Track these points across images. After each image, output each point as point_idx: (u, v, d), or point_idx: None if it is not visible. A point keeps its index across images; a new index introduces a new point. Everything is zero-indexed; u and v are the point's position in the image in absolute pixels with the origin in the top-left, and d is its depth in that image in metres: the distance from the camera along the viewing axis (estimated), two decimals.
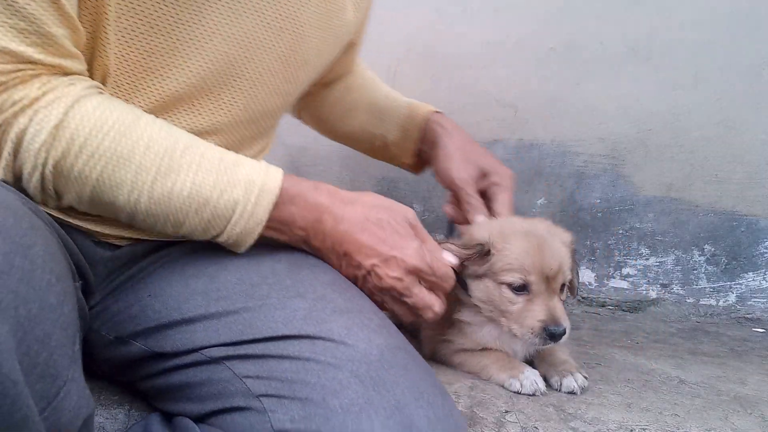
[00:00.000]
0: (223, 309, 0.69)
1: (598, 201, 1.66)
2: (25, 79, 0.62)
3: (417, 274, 0.77)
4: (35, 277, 0.47)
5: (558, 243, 0.95)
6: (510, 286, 0.93)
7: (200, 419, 0.67)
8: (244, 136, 0.84)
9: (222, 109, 0.78)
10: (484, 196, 1.08)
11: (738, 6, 1.52)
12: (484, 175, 1.07)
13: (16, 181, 0.65)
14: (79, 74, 0.68)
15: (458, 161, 1.03)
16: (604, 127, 1.64)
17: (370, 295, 0.77)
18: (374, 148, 1.17)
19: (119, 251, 0.77)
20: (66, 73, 0.66)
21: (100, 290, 0.77)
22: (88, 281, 0.74)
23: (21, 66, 0.61)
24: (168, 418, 0.71)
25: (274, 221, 0.72)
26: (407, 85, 1.75)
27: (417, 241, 0.78)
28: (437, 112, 1.11)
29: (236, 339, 0.66)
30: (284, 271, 0.73)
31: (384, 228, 0.76)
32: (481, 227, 1.00)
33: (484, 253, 0.95)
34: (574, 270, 0.99)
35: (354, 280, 0.78)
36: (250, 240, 0.72)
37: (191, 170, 0.67)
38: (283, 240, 0.76)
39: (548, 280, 0.92)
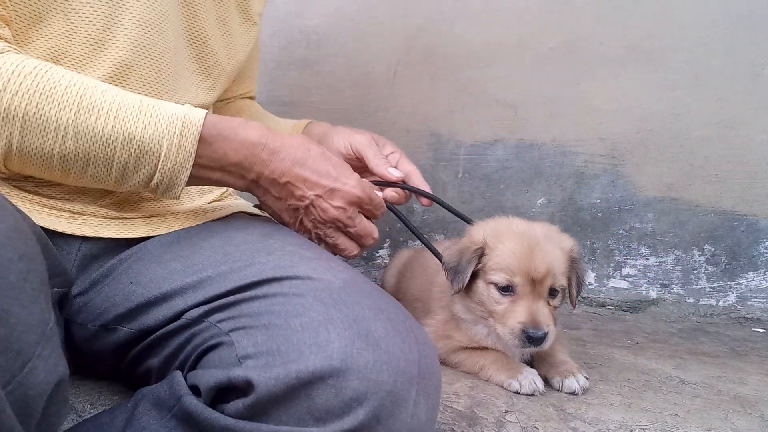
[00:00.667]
0: (198, 277, 0.71)
1: (598, 201, 1.66)
2: None
3: (358, 204, 0.81)
4: None
5: (552, 247, 0.94)
6: (496, 285, 0.94)
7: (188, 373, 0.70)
8: None
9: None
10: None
11: (738, 6, 1.52)
12: (377, 144, 1.07)
13: None
14: (7, 41, 0.71)
15: (351, 131, 1.06)
16: (604, 127, 1.64)
17: (312, 230, 0.82)
18: None
19: (94, 243, 0.79)
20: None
21: (78, 282, 0.78)
22: (65, 272, 0.75)
23: None
24: None
25: (204, 158, 0.73)
26: (407, 85, 1.75)
27: (355, 173, 0.82)
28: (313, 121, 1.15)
29: (211, 296, 0.69)
30: (255, 239, 0.76)
31: (326, 159, 0.79)
32: (479, 227, 1.00)
33: (480, 253, 0.95)
34: (574, 279, 0.97)
35: (295, 214, 0.81)
36: (184, 176, 0.73)
37: (113, 107, 0.69)
38: (221, 184, 0.78)
39: (534, 282, 0.92)
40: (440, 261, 0.99)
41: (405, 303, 1.12)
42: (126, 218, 0.81)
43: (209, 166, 0.75)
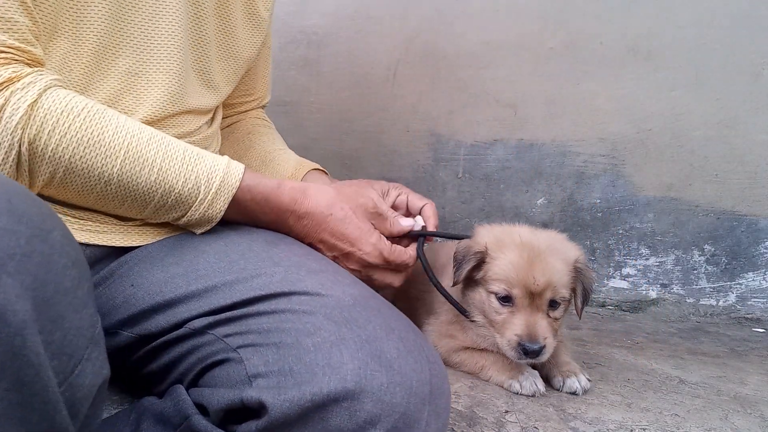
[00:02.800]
0: (203, 285, 0.71)
1: (598, 201, 1.66)
2: (3, 62, 0.65)
3: (374, 267, 0.85)
4: (53, 261, 0.49)
5: (553, 260, 0.93)
6: (496, 295, 0.94)
7: (191, 386, 0.69)
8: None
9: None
10: (396, 208, 1.05)
11: (738, 6, 1.52)
12: (382, 194, 1.07)
13: None
14: (44, 65, 0.71)
15: (355, 190, 1.04)
16: (604, 127, 1.64)
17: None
18: None
19: (97, 249, 0.78)
20: (33, 59, 0.69)
21: None
22: None
23: None
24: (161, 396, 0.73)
25: (234, 212, 0.77)
26: (407, 85, 1.75)
27: (375, 235, 0.84)
28: (321, 169, 1.13)
29: (216, 307, 0.69)
30: (261, 247, 0.76)
31: (348, 223, 0.82)
32: (482, 234, 0.99)
33: (481, 259, 0.95)
34: (580, 289, 0.96)
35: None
36: (209, 226, 0.77)
37: (158, 158, 0.71)
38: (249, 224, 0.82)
39: (533, 295, 0.91)
40: (464, 315, 0.99)
41: (406, 302, 1.12)
42: (131, 225, 0.80)
43: (238, 219, 0.79)
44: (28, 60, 0.69)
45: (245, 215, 0.79)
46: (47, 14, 0.71)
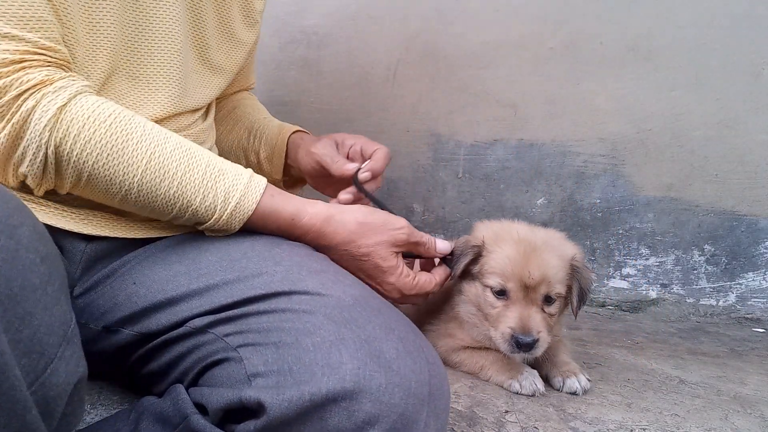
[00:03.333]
0: (204, 284, 0.71)
1: (598, 201, 1.66)
2: (33, 65, 0.66)
3: (393, 299, 0.84)
4: (19, 257, 0.48)
5: (549, 255, 0.93)
6: (491, 289, 0.94)
7: (191, 386, 0.69)
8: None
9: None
10: (351, 157, 1.08)
11: (738, 6, 1.52)
12: (338, 144, 1.09)
13: (3, 162, 0.67)
14: (71, 69, 0.72)
15: (313, 143, 1.07)
16: (603, 127, 1.64)
17: None
18: (250, 164, 1.20)
19: (99, 245, 0.79)
20: (64, 61, 0.70)
21: (80, 283, 0.78)
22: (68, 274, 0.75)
23: (26, 56, 0.66)
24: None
25: (250, 227, 0.77)
26: (407, 85, 1.75)
27: (395, 274, 0.82)
28: (302, 130, 1.15)
29: (217, 305, 0.69)
30: (263, 247, 0.76)
31: (362, 263, 0.80)
32: (481, 228, 1.00)
33: (477, 254, 0.95)
34: (576, 288, 0.96)
35: None
36: (225, 234, 0.77)
37: (179, 171, 0.71)
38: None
39: (528, 289, 0.92)
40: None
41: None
42: (134, 219, 0.81)
43: (255, 226, 0.78)
44: (60, 61, 0.70)
45: (261, 230, 0.79)
46: (68, 20, 0.71)
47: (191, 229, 0.80)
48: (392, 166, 1.23)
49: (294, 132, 1.12)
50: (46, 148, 0.66)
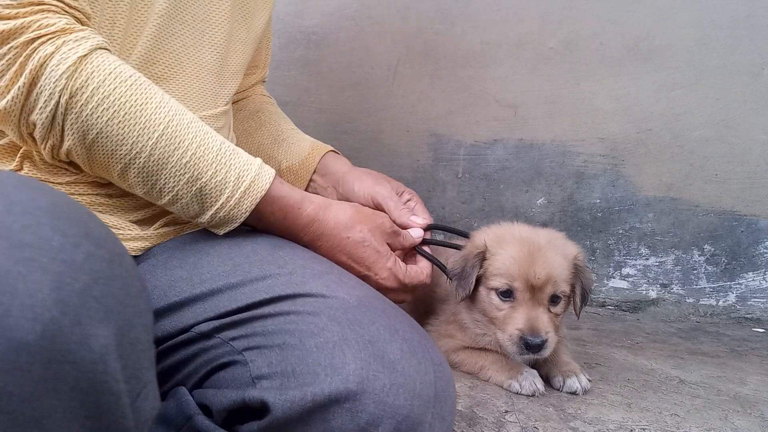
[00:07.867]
0: (207, 289, 0.70)
1: (598, 201, 1.66)
2: (51, 9, 0.64)
3: (389, 290, 0.84)
4: (130, 284, 0.48)
5: (553, 254, 0.93)
6: (497, 291, 0.94)
7: (195, 388, 0.69)
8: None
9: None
10: None
11: (738, 6, 1.52)
12: (397, 192, 1.08)
13: (19, 110, 0.65)
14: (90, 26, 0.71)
15: (373, 181, 1.05)
16: (603, 127, 1.64)
17: None
18: None
19: None
20: (84, 15, 0.69)
21: None
22: None
23: (48, 1, 0.64)
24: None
25: (252, 220, 0.75)
26: (407, 85, 1.75)
27: (392, 259, 0.84)
28: (335, 151, 1.14)
29: (222, 311, 0.68)
30: (265, 251, 0.75)
31: (363, 247, 0.81)
32: (482, 232, 1.00)
33: (481, 257, 0.95)
34: (578, 288, 0.96)
35: None
36: (226, 229, 0.75)
37: (195, 142, 0.69)
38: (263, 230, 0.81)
39: (534, 289, 0.91)
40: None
41: (409, 303, 1.12)
42: (145, 234, 0.80)
43: (252, 224, 0.77)
44: (78, 13, 0.68)
45: (260, 223, 0.77)
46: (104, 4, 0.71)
47: (187, 232, 0.79)
48: (392, 166, 1.23)
49: (329, 151, 1.10)
50: (59, 96, 0.63)
